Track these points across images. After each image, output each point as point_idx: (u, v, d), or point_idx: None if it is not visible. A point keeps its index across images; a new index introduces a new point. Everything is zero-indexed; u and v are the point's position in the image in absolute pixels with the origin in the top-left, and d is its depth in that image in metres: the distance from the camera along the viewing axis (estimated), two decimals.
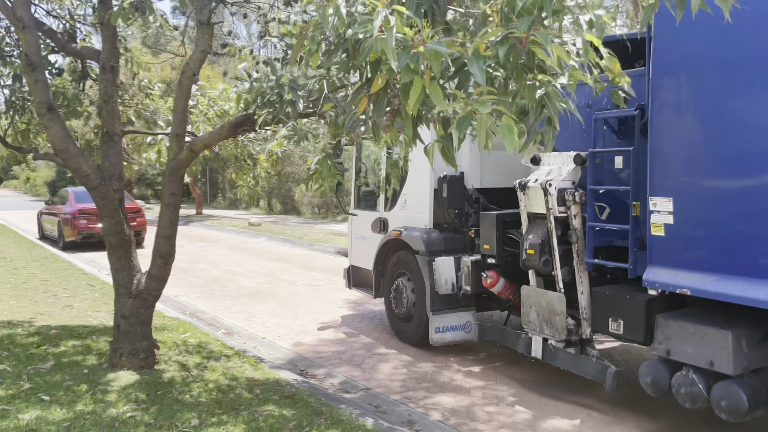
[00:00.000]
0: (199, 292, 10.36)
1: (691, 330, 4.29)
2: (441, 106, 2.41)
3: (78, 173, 5.30)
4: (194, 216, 25.84)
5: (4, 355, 5.67)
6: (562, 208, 5.12)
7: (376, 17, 2.31)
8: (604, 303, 5.07)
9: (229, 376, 5.56)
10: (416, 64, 2.36)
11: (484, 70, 2.42)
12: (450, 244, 6.67)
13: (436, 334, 6.51)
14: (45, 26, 5.94)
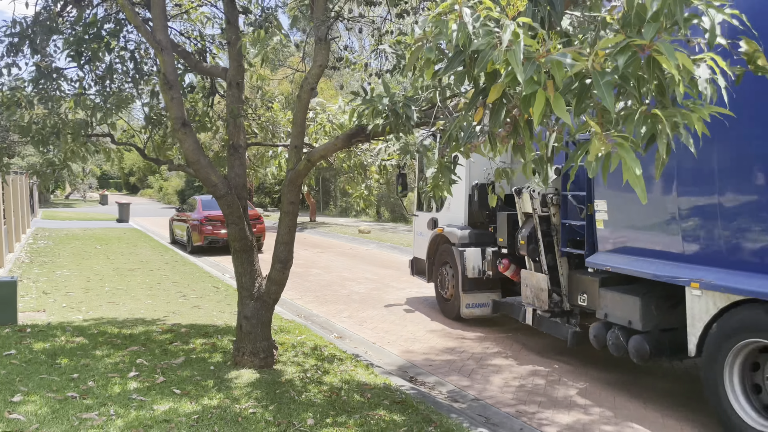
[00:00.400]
0: (312, 296, 10.75)
1: (618, 298, 5.77)
2: (566, 119, 2.34)
3: (207, 183, 5.71)
4: (308, 223, 26.87)
5: (142, 350, 6.20)
6: (545, 209, 6.69)
7: (505, 30, 2.30)
8: (575, 282, 6.55)
9: (341, 379, 5.72)
10: (540, 75, 2.33)
11: (612, 92, 2.32)
12: (479, 239, 8.36)
13: (466, 309, 8.32)
14: (179, 47, 6.47)
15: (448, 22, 2.56)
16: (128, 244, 17.46)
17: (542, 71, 2.43)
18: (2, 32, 5.76)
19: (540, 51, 2.43)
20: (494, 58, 2.48)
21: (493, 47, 2.51)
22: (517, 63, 2.36)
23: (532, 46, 2.36)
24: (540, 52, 2.42)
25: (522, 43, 2.39)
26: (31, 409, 4.37)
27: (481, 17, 2.60)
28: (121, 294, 9.93)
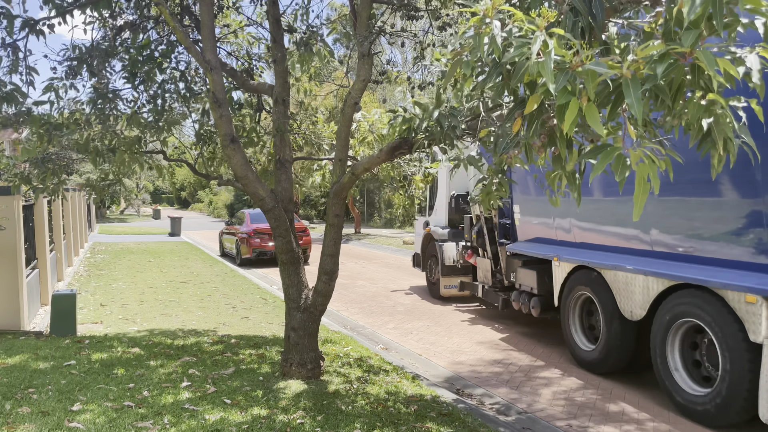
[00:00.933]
0: (358, 308, 10.82)
1: (526, 273, 8.23)
2: (598, 129, 2.32)
3: (255, 197, 5.85)
4: (353, 234, 27.06)
5: (194, 361, 6.37)
6: (492, 214, 9.29)
7: (535, 42, 2.30)
8: (509, 265, 8.90)
9: (388, 390, 5.73)
10: (573, 85, 2.31)
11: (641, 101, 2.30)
12: (454, 236, 10.99)
13: (444, 289, 11.04)
14: (227, 66, 6.67)
15: (481, 36, 2.57)
16: (180, 257, 17.98)
17: (576, 81, 2.42)
18: (62, 56, 6.08)
19: (573, 61, 2.42)
20: (530, 69, 2.48)
21: (526, 58, 2.51)
22: (548, 73, 2.35)
23: (564, 56, 2.35)
24: (573, 62, 2.41)
25: (552, 54, 2.38)
26: (89, 418, 4.54)
27: (513, 30, 2.61)
28: (174, 306, 10.23)
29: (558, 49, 2.31)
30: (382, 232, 28.86)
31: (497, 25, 2.47)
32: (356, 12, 5.37)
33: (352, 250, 21.05)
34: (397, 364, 6.89)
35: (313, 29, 6.27)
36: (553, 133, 2.64)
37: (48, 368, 5.86)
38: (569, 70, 2.30)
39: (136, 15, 6.46)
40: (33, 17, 5.51)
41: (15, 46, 5.38)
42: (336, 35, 7.11)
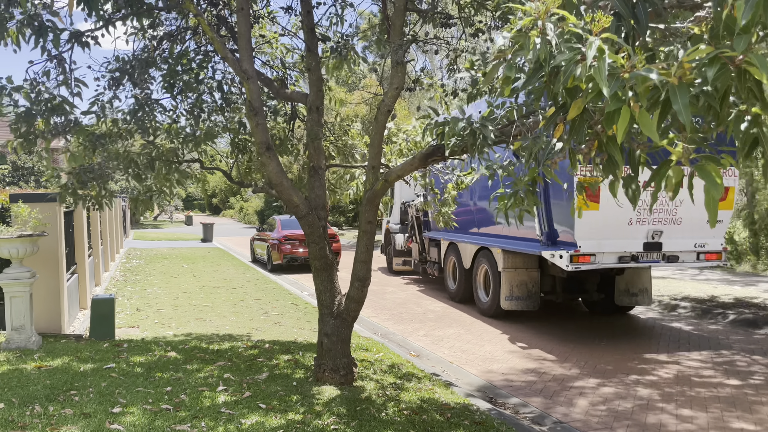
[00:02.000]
0: (388, 315, 10.83)
1: (432, 248, 13.64)
2: (653, 137, 2.30)
3: (289, 204, 5.92)
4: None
5: (229, 365, 6.46)
6: (418, 212, 14.02)
7: (590, 47, 2.29)
8: (431, 248, 13.66)
9: (420, 398, 5.72)
10: (624, 91, 2.30)
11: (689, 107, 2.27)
12: (402, 230, 15.73)
13: (395, 266, 15.89)
14: (263, 75, 6.78)
15: (531, 38, 2.58)
16: (212, 263, 18.24)
17: (626, 87, 2.40)
18: (105, 68, 6.26)
19: (624, 66, 2.40)
20: (576, 74, 2.47)
21: (575, 63, 2.50)
22: (602, 79, 2.34)
23: (616, 62, 2.34)
24: (625, 68, 2.40)
25: (607, 59, 2.37)
26: (129, 420, 4.64)
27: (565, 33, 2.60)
28: (208, 311, 10.38)
29: (611, 55, 2.30)
30: None
31: (550, 27, 2.47)
32: (390, 20, 5.41)
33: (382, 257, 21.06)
34: (429, 371, 6.87)
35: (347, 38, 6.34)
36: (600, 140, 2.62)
37: (89, 371, 6.00)
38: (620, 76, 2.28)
39: (175, 26, 6.62)
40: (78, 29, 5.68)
41: (61, 58, 5.57)
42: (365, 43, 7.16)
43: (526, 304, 9.74)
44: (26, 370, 5.93)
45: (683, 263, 8.73)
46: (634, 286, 10.06)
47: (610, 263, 8.41)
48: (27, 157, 26.35)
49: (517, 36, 2.72)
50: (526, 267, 9.81)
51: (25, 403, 4.89)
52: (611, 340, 8.71)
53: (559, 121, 2.86)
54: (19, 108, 5.45)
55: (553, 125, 2.90)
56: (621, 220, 8.22)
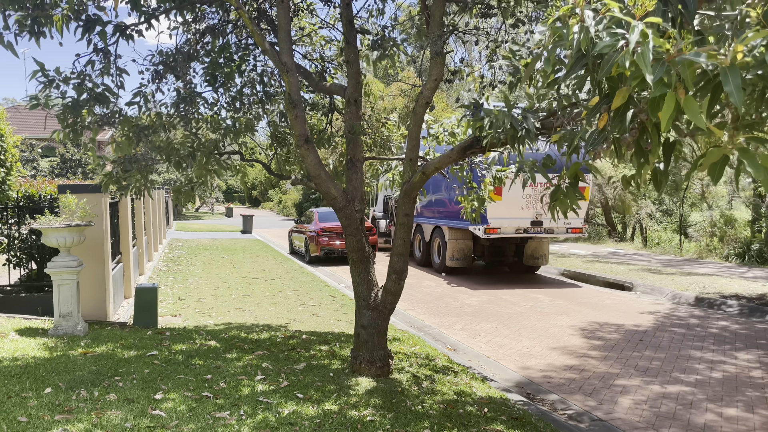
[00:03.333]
0: (424, 308, 10.80)
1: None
2: (699, 124, 2.20)
3: (327, 196, 5.95)
4: None
5: (267, 355, 6.54)
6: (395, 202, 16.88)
7: (632, 31, 2.21)
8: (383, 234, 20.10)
9: (456, 392, 5.69)
10: (669, 76, 2.21)
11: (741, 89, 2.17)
12: (385, 216, 19.85)
13: (380, 244, 19.22)
14: (302, 68, 6.81)
15: (570, 27, 2.51)
16: (252, 254, 18.52)
17: (672, 72, 2.31)
18: (149, 61, 6.39)
19: (670, 51, 2.31)
20: (619, 61, 2.39)
21: (618, 50, 2.42)
22: (645, 64, 2.26)
23: (661, 47, 2.25)
24: (670, 53, 2.31)
25: (651, 44, 2.29)
26: (171, 406, 4.75)
27: (605, 19, 2.52)
28: (247, 301, 10.55)
29: (656, 39, 2.21)
30: None
31: (589, 14, 2.39)
32: (429, 11, 5.35)
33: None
34: (465, 365, 6.83)
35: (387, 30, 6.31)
36: (644, 128, 2.53)
37: (132, 357, 6.17)
38: (665, 61, 2.20)
39: (217, 19, 6.70)
40: (124, 22, 5.81)
41: (107, 51, 5.71)
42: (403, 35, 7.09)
43: (463, 263, 14.81)
44: (73, 355, 6.13)
45: (557, 235, 13.97)
46: (537, 252, 15.02)
47: (510, 234, 13.60)
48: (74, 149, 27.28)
49: (555, 27, 2.65)
50: (464, 238, 14.67)
51: (71, 388, 5.06)
52: (652, 340, 8.51)
53: (603, 111, 2.78)
54: (66, 99, 5.61)
55: (596, 115, 2.82)
56: (516, 207, 13.39)
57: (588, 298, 11.85)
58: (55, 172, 26.58)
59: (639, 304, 11.28)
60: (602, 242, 23.56)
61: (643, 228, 25.43)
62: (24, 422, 4.23)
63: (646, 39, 2.30)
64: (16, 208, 8.35)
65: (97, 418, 4.38)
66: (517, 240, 14.76)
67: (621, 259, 18.15)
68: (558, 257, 18.24)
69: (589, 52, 2.54)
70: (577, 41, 2.41)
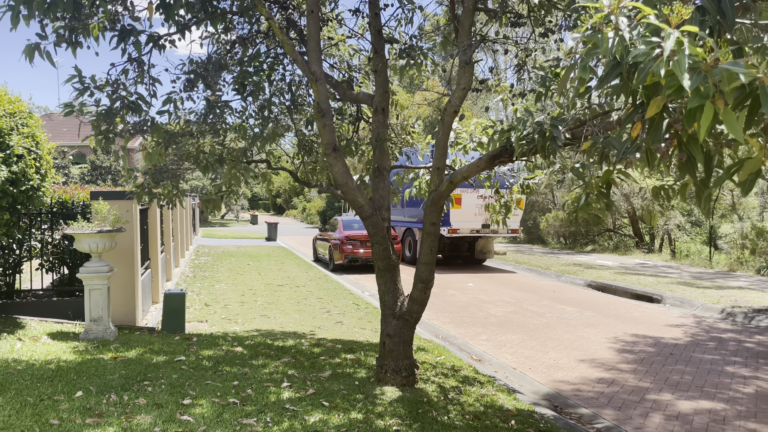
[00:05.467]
0: (449, 318, 10.74)
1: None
2: (737, 137, 2.16)
3: (354, 204, 5.96)
4: None
5: (293, 362, 6.57)
6: None
7: (667, 38, 2.18)
8: None
9: (483, 403, 5.64)
10: (707, 86, 2.17)
11: None
12: None
13: None
14: (330, 77, 6.86)
15: (604, 35, 2.48)
16: (276, 261, 18.64)
17: (710, 82, 2.27)
18: (180, 70, 6.50)
19: (707, 60, 2.27)
20: (654, 70, 2.36)
21: (653, 58, 2.39)
22: (681, 73, 2.22)
23: (698, 56, 2.21)
24: (707, 62, 2.27)
25: (687, 52, 2.25)
26: (198, 412, 4.79)
27: (640, 26, 2.49)
28: (272, 308, 10.61)
29: (692, 48, 2.18)
30: None
31: (624, 21, 2.36)
32: (458, 20, 5.36)
33: (441, 260, 20.94)
34: (491, 376, 6.77)
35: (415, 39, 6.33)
36: (680, 139, 2.49)
37: (161, 362, 6.24)
38: (701, 71, 2.16)
39: (247, 29, 6.80)
40: (157, 32, 5.93)
41: (140, 61, 5.83)
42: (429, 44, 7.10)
43: None
44: (103, 359, 6.22)
45: (501, 235, 18.85)
46: (485, 248, 19.44)
47: (466, 234, 17.83)
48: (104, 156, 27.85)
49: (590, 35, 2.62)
50: None
51: (101, 392, 5.13)
52: (683, 353, 8.32)
53: (636, 120, 2.74)
54: (100, 107, 5.74)
55: (629, 124, 2.79)
56: (471, 214, 17.60)
57: (616, 310, 11.66)
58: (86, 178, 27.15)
59: (668, 316, 11.07)
60: (629, 253, 23.19)
61: (671, 239, 25.04)
62: (56, 425, 4.31)
63: (682, 47, 2.27)
64: (50, 213, 8.54)
65: (126, 422, 4.44)
66: (470, 239, 19.22)
67: (649, 270, 17.85)
68: (585, 268, 18.01)
69: (623, 61, 2.51)
70: (611, 49, 2.38)
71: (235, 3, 6.28)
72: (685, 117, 2.38)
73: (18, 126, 7.25)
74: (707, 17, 2.78)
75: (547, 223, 26.84)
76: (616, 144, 3.84)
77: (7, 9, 4.87)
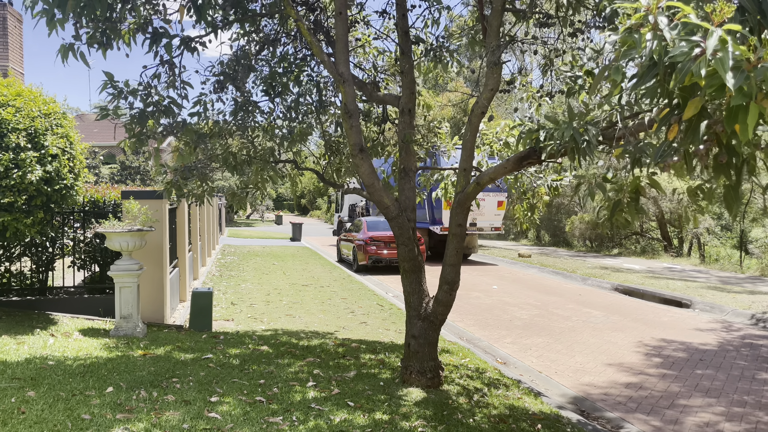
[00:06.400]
0: (474, 320, 10.68)
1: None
2: None
3: (380, 205, 5.97)
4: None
5: (317, 362, 6.60)
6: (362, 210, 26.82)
7: (710, 36, 2.14)
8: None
9: (508, 406, 5.60)
10: (750, 86, 2.12)
11: None
12: (350, 220, 26.64)
13: None
14: (356, 79, 6.88)
15: (642, 34, 2.44)
16: (301, 262, 18.76)
17: (753, 82, 2.22)
18: (209, 72, 6.59)
19: (751, 59, 2.22)
20: (694, 70, 2.32)
21: (692, 58, 2.35)
22: (725, 71, 2.18)
23: (741, 54, 2.16)
24: (751, 61, 2.22)
25: (730, 50, 2.20)
26: (226, 410, 4.84)
27: (679, 26, 2.45)
28: (297, 307, 10.67)
29: (735, 46, 2.13)
30: (495, 244, 28.36)
31: (663, 21, 2.33)
32: (487, 21, 5.33)
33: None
34: (516, 379, 6.71)
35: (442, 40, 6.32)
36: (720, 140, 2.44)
37: (189, 360, 6.32)
38: (744, 70, 2.11)
39: (275, 31, 6.86)
40: (188, 35, 6.03)
41: (172, 63, 5.92)
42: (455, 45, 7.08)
43: None
44: (133, 356, 6.33)
45: (488, 233, 21.33)
46: (470, 244, 21.14)
47: None
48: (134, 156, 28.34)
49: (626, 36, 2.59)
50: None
51: (131, 388, 5.22)
52: (713, 359, 8.15)
53: (673, 122, 2.70)
54: (133, 110, 5.84)
55: (666, 126, 2.74)
56: None
57: (644, 314, 11.48)
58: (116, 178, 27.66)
59: (698, 321, 10.86)
60: (657, 257, 22.81)
61: (700, 243, 24.56)
62: (87, 420, 4.39)
63: (725, 45, 2.22)
64: (82, 212, 8.71)
65: (156, 418, 4.50)
66: None
67: (677, 275, 17.54)
68: (612, 272, 17.77)
69: (661, 61, 2.47)
70: (649, 49, 2.34)
71: (265, 3, 6.34)
72: (725, 117, 2.33)
73: (53, 126, 7.42)
74: (747, 17, 2.72)
75: (572, 225, 26.53)
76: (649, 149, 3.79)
77: (42, 14, 4.99)
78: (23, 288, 8.71)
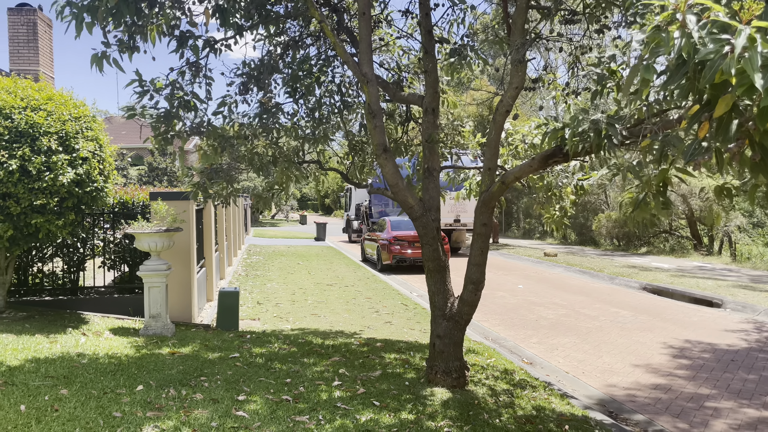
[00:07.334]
0: (499, 319, 10.62)
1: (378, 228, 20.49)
2: None
3: (404, 205, 5.97)
4: (491, 244, 26.66)
5: (343, 361, 6.62)
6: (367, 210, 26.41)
7: (738, 35, 2.10)
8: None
9: (535, 407, 5.55)
10: None
11: None
12: (357, 218, 29.62)
13: (353, 238, 30.22)
14: (380, 78, 6.89)
15: (670, 33, 2.40)
16: (325, 261, 18.85)
17: None
18: (234, 73, 6.65)
19: None
20: (724, 68, 2.27)
21: (722, 56, 2.30)
22: (753, 71, 2.13)
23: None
24: None
25: (759, 49, 2.16)
26: (253, 408, 4.89)
27: (708, 24, 2.41)
28: (322, 307, 10.73)
29: (764, 44, 2.09)
30: (521, 243, 28.13)
31: (692, 19, 2.29)
32: (511, 19, 5.29)
33: (490, 261, 20.70)
34: (543, 379, 6.65)
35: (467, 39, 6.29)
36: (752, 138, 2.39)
37: (216, 359, 6.41)
38: None
39: (298, 32, 6.90)
40: (213, 37, 6.11)
41: (198, 65, 6.00)
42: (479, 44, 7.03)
43: None
44: (162, 355, 6.43)
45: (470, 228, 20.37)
46: (459, 239, 23.44)
47: (444, 227, 19.94)
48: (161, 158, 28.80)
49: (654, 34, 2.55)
50: None
51: (161, 386, 5.31)
52: (745, 360, 7.97)
53: (703, 120, 2.64)
54: (159, 109, 5.94)
55: (696, 124, 2.69)
56: (446, 211, 21.03)
57: (673, 314, 11.28)
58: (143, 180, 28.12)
59: (729, 321, 10.63)
60: (687, 256, 22.39)
61: (731, 241, 24.03)
62: (118, 418, 4.48)
63: (754, 44, 2.18)
64: (112, 213, 8.88)
65: (185, 416, 4.57)
66: (447, 231, 23.18)
67: (708, 273, 17.19)
68: (640, 271, 17.50)
69: (690, 59, 2.43)
70: (678, 47, 2.30)
71: (288, 5, 6.38)
72: (757, 116, 2.28)
73: (83, 129, 7.58)
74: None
75: (599, 223, 26.19)
76: (676, 142, 3.72)
77: (72, 18, 5.09)
78: (55, 288, 8.91)
